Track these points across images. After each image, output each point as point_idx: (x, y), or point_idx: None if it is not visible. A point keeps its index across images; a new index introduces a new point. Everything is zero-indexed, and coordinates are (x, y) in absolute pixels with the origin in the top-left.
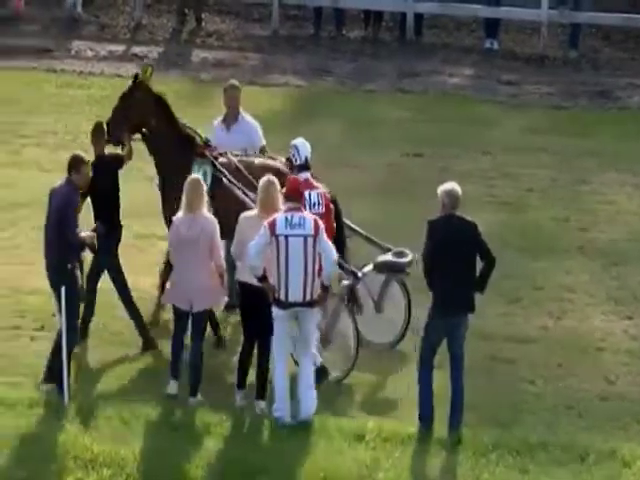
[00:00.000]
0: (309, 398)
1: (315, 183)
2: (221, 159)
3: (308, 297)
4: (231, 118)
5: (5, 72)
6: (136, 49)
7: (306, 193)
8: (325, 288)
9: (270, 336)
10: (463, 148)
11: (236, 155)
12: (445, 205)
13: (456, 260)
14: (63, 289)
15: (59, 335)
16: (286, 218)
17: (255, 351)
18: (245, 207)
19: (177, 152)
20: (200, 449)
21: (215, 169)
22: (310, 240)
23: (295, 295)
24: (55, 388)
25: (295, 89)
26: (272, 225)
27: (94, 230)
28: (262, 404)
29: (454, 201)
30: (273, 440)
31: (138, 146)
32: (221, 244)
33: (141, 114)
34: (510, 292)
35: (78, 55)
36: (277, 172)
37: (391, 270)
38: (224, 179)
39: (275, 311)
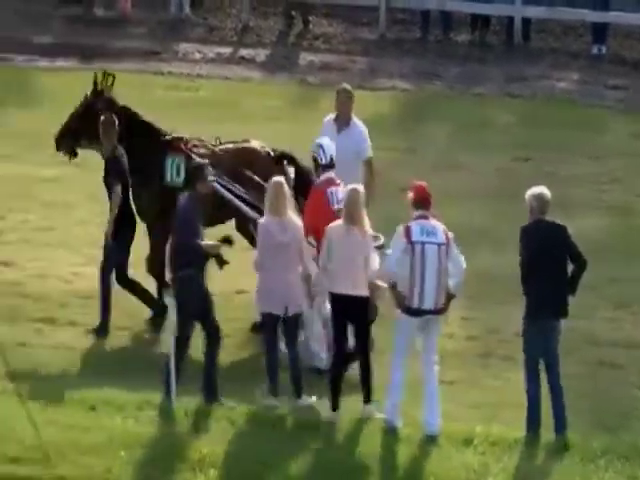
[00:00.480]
0: (434, 411)
1: (337, 181)
2: (200, 150)
3: (439, 305)
4: (342, 122)
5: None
6: (243, 52)
7: (330, 190)
8: (450, 296)
9: (368, 342)
10: (571, 152)
11: (214, 144)
12: (533, 209)
13: (549, 264)
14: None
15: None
16: (421, 225)
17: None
18: (221, 199)
19: (146, 151)
20: (304, 450)
21: (189, 161)
22: (443, 248)
23: (428, 302)
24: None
25: (402, 93)
26: (408, 232)
27: (221, 240)
28: (370, 408)
29: (542, 205)
30: (383, 445)
31: None
32: None
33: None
34: (618, 297)
35: (185, 57)
36: (253, 152)
37: None
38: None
39: (403, 319)
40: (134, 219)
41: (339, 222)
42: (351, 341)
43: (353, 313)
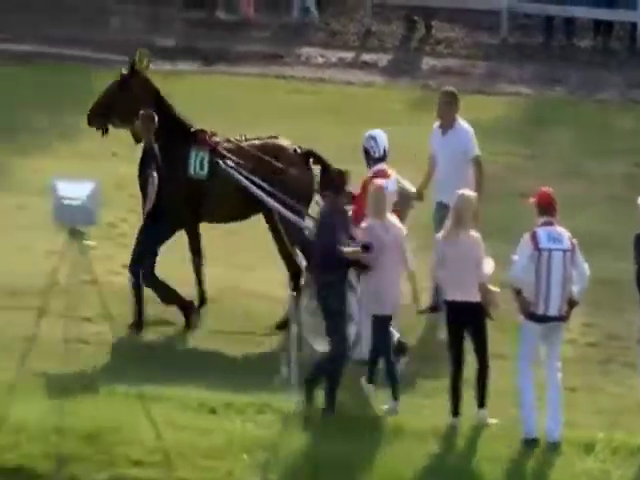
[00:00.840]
0: (556, 418)
1: (388, 171)
2: (225, 144)
3: (563, 312)
4: (446, 124)
5: (235, 78)
6: (365, 56)
7: (384, 183)
8: (573, 303)
9: (485, 347)
10: None
11: (239, 140)
12: None
13: None
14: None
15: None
16: (547, 232)
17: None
18: (247, 191)
19: (172, 141)
20: (422, 455)
21: (213, 155)
22: (568, 255)
23: (553, 309)
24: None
25: (523, 98)
26: (535, 239)
27: (361, 246)
28: (484, 412)
29: None
30: (503, 451)
31: None
32: None
33: (135, 103)
34: None
35: (308, 61)
36: (279, 147)
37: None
38: (221, 163)
39: (528, 325)
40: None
41: (447, 228)
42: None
43: (466, 320)
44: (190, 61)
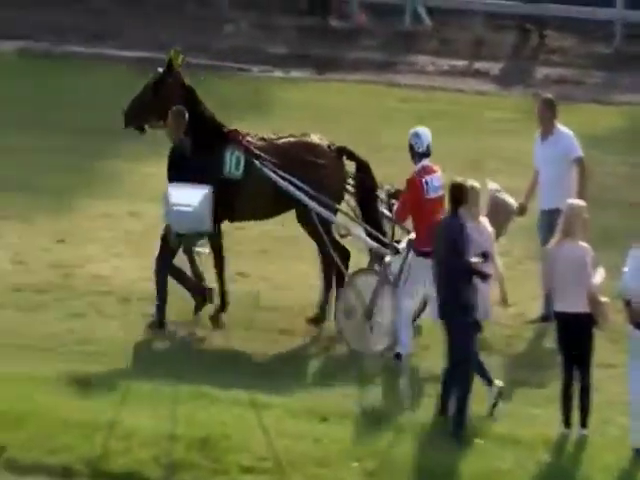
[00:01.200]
0: None
1: (433, 167)
2: (258, 142)
3: None
4: (545, 130)
5: (346, 85)
6: (477, 64)
7: (425, 179)
8: None
9: (589, 362)
10: None
11: (272, 138)
12: None
13: None
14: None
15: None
16: None
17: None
18: (279, 190)
19: (206, 141)
20: (533, 464)
21: (248, 154)
22: None
23: None
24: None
25: (637, 108)
26: None
27: (480, 255)
28: (584, 434)
29: None
30: (617, 463)
31: None
32: None
33: (172, 102)
34: None
35: (419, 69)
36: (312, 144)
37: None
38: (257, 162)
39: (638, 336)
40: None
41: (556, 237)
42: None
43: (573, 331)
44: (303, 68)
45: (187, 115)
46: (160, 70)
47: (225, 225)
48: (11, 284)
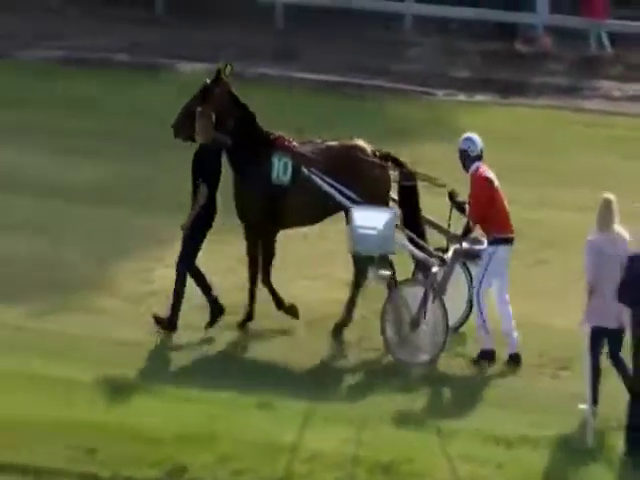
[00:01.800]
0: None
1: (486, 167)
2: (304, 147)
3: None
4: None
5: (530, 110)
6: None
7: (487, 175)
8: None
9: None
10: None
11: (317, 143)
12: None
13: None
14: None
15: None
16: None
17: None
18: (327, 196)
19: (253, 148)
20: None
21: (295, 159)
22: None
23: None
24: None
25: None
26: None
27: None
28: None
29: None
30: None
31: None
32: None
33: (219, 111)
34: None
35: (604, 94)
36: (359, 150)
37: (467, 257)
38: (304, 169)
39: None
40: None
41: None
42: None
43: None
44: (487, 92)
45: (232, 122)
46: (207, 81)
47: None
48: None
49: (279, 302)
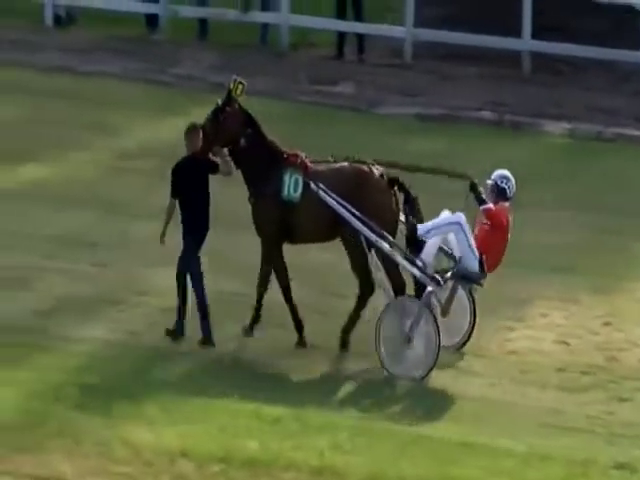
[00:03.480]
0: None
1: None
2: (314, 166)
3: None
4: None
5: None
6: None
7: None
8: None
9: None
10: None
11: (328, 162)
12: None
13: None
14: None
15: None
16: None
17: None
18: (335, 215)
19: (265, 165)
20: None
21: (306, 176)
22: None
23: None
24: None
25: None
26: None
27: None
28: None
29: None
30: None
31: None
32: None
33: (230, 130)
34: None
35: None
36: (366, 173)
37: (468, 280)
38: (313, 185)
39: None
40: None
41: None
42: None
43: None
44: None
45: (243, 140)
46: (219, 102)
47: None
48: (555, 364)
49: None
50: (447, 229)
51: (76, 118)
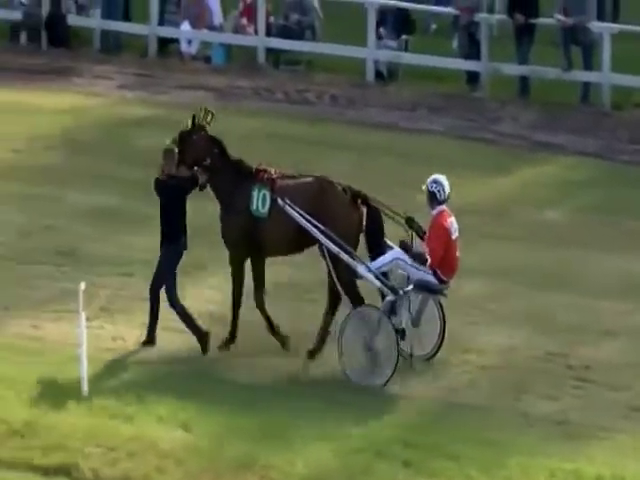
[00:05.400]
0: None
1: (450, 213)
2: (279, 181)
3: None
4: None
5: None
6: None
7: (450, 220)
8: None
9: None
10: None
11: (293, 176)
12: None
13: None
14: None
15: None
16: None
17: None
18: (301, 228)
19: (233, 182)
20: None
21: (273, 192)
22: None
23: None
24: None
25: None
26: None
27: None
28: None
29: None
30: None
31: None
32: None
33: (197, 153)
34: None
35: None
36: (329, 187)
37: (430, 291)
38: (280, 200)
39: None
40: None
41: None
42: None
43: None
44: None
45: (209, 159)
46: (183, 130)
47: None
48: None
49: (272, 328)
50: (392, 264)
51: (400, 174)
